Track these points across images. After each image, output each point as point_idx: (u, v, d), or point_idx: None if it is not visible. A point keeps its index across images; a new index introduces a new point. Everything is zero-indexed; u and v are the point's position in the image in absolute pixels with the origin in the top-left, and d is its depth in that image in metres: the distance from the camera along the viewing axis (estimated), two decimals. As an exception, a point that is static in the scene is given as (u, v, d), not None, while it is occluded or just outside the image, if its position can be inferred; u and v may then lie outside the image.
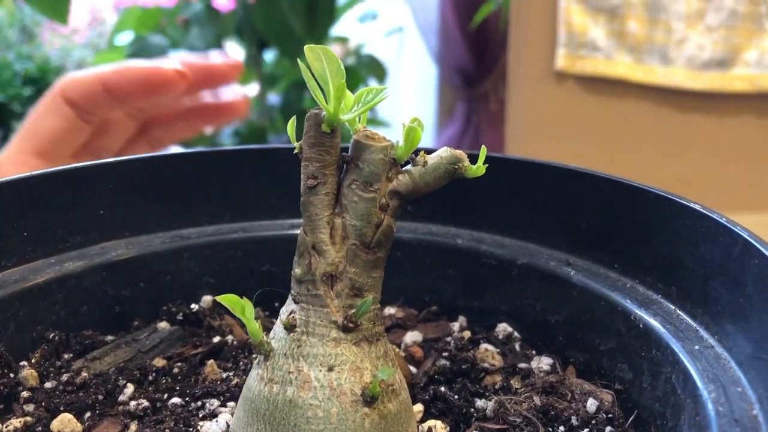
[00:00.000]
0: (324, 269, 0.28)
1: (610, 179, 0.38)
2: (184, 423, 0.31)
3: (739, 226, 0.31)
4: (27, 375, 0.33)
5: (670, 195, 0.35)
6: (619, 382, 0.34)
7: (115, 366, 0.35)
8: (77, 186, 0.39)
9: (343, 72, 0.26)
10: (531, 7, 1.27)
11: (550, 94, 1.30)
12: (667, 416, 0.30)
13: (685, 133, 1.32)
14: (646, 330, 0.32)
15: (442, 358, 0.37)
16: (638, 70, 1.29)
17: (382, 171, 0.27)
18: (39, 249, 0.38)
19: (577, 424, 0.31)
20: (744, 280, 0.29)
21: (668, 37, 1.28)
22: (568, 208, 0.39)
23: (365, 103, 0.27)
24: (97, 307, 0.39)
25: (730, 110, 1.33)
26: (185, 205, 0.42)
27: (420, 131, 0.27)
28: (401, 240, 0.41)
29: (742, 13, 1.27)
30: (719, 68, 1.30)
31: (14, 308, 0.35)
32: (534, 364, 0.37)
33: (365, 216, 0.27)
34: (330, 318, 0.27)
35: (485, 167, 0.28)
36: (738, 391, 0.26)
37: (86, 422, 0.32)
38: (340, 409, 0.26)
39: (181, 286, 0.41)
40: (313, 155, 0.27)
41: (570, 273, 0.37)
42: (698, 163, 1.32)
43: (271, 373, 0.28)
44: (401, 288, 0.42)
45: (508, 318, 0.40)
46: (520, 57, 1.30)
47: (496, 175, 0.31)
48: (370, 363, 0.28)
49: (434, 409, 0.33)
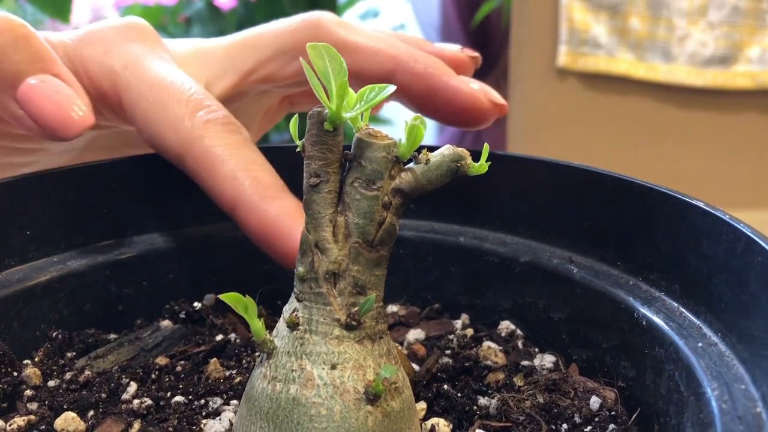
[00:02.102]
0: (327, 267, 0.28)
1: (613, 176, 0.38)
2: (188, 421, 0.32)
3: (742, 224, 0.31)
4: (30, 373, 0.34)
5: (673, 192, 0.35)
6: (622, 379, 0.34)
7: (118, 364, 0.35)
8: (80, 184, 0.40)
9: (346, 70, 0.26)
10: (533, 4, 1.27)
11: (552, 92, 1.30)
12: (671, 414, 0.30)
13: (687, 130, 1.32)
14: (649, 327, 0.32)
15: (444, 355, 0.37)
16: (640, 67, 1.29)
17: (384, 169, 0.27)
18: (42, 248, 0.38)
19: (580, 422, 0.31)
20: (747, 277, 0.29)
21: (670, 34, 1.28)
22: (570, 205, 0.39)
23: (367, 101, 0.27)
24: (100, 306, 0.39)
25: (732, 107, 1.32)
26: (188, 203, 0.42)
27: (422, 129, 0.27)
28: (404, 238, 0.41)
29: (744, 10, 1.27)
30: (721, 65, 1.29)
31: (17, 307, 0.35)
32: (537, 362, 0.37)
33: (368, 214, 0.27)
34: (333, 316, 0.27)
35: (488, 165, 0.28)
36: (741, 389, 0.26)
37: (89, 420, 0.32)
38: (343, 407, 0.26)
39: (184, 285, 0.41)
40: (315, 153, 0.27)
41: (573, 270, 0.37)
42: (701, 160, 1.32)
43: (274, 372, 0.28)
44: (404, 286, 0.42)
45: (510, 316, 0.40)
46: (521, 54, 1.30)
47: (498, 173, 0.31)
48: (373, 361, 0.28)
49: (437, 407, 0.33)
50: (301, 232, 0.31)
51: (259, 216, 0.35)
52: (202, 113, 0.38)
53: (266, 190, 0.36)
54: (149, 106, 0.39)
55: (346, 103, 0.26)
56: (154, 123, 0.38)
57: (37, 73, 0.37)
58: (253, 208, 0.35)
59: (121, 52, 0.40)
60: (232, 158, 0.36)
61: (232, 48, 0.45)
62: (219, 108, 0.38)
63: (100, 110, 0.41)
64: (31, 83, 0.37)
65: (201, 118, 0.38)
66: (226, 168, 0.36)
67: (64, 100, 0.37)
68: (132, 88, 0.39)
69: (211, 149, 0.37)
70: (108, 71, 0.40)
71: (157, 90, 0.39)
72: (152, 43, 0.42)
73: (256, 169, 0.36)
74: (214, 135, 0.37)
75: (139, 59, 0.40)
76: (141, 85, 0.39)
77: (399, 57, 0.42)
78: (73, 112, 0.37)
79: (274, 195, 0.36)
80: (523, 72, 1.29)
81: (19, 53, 0.37)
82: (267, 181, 0.36)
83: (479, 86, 0.42)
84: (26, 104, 0.37)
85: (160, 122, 0.38)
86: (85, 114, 0.37)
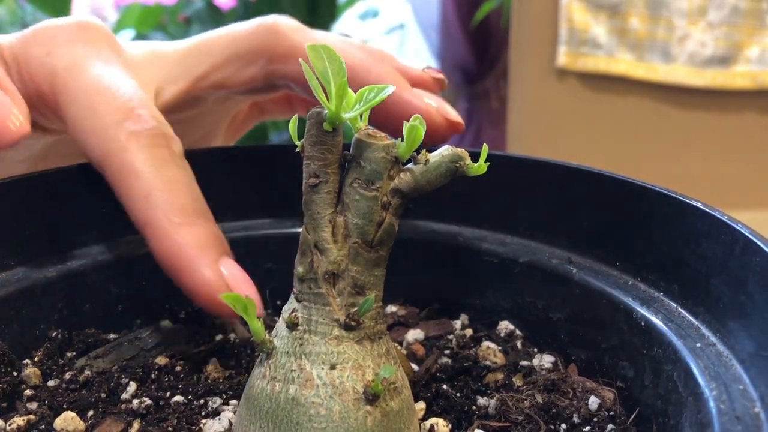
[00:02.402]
0: (326, 267, 0.28)
1: (612, 177, 0.38)
2: (187, 421, 0.32)
3: (740, 224, 0.31)
4: (30, 373, 0.34)
5: (672, 192, 0.35)
6: (620, 379, 0.34)
7: (117, 364, 0.35)
8: (80, 184, 0.40)
9: (345, 70, 0.26)
10: (532, 4, 1.27)
11: (552, 92, 1.30)
12: (669, 414, 0.30)
13: (686, 130, 1.32)
14: (647, 328, 0.32)
15: (444, 355, 0.37)
16: (640, 68, 1.29)
17: (383, 169, 0.27)
18: (42, 247, 0.38)
19: (579, 422, 0.31)
20: (745, 277, 0.29)
21: (670, 34, 1.28)
22: (569, 205, 0.39)
23: (367, 102, 0.27)
24: (100, 306, 0.39)
25: (731, 107, 1.33)
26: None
27: (422, 129, 0.27)
28: (403, 238, 0.41)
29: (743, 10, 1.27)
30: (721, 65, 1.29)
31: (17, 307, 0.35)
32: (536, 362, 0.37)
33: (367, 214, 0.27)
34: (332, 316, 0.28)
35: (487, 165, 0.28)
36: (740, 389, 0.26)
37: (89, 420, 0.32)
38: (343, 407, 0.26)
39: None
40: (314, 154, 0.27)
41: (572, 271, 0.37)
42: (699, 160, 1.32)
43: (274, 372, 0.28)
44: (403, 286, 0.42)
45: (509, 316, 0.40)
46: (521, 54, 1.30)
47: (497, 173, 0.31)
48: (372, 361, 0.28)
49: (436, 407, 0.34)
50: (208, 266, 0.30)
51: (165, 242, 0.33)
52: (129, 123, 0.36)
53: (179, 214, 0.34)
54: (79, 111, 0.37)
55: (345, 103, 0.27)
56: (80, 129, 0.36)
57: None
58: (161, 232, 0.33)
59: (64, 53, 0.38)
60: (149, 175, 0.34)
61: (186, 52, 0.44)
62: (150, 118, 0.36)
63: (44, 113, 0.39)
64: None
65: (126, 128, 0.35)
66: (141, 185, 0.34)
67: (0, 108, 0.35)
68: (68, 92, 0.37)
69: (130, 163, 0.34)
70: (49, 72, 0.38)
71: (90, 94, 0.37)
72: (100, 45, 0.40)
73: (173, 189, 0.34)
74: (136, 148, 0.35)
75: (80, 61, 0.38)
76: (77, 90, 0.37)
77: (353, 66, 0.40)
78: (10, 122, 0.35)
79: (186, 221, 0.34)
80: (523, 72, 1.30)
81: None
82: (182, 205, 0.34)
83: (435, 102, 0.40)
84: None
85: (86, 129, 0.36)
86: (22, 124, 0.35)
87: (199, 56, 0.43)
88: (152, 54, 0.43)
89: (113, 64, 0.39)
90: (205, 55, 0.43)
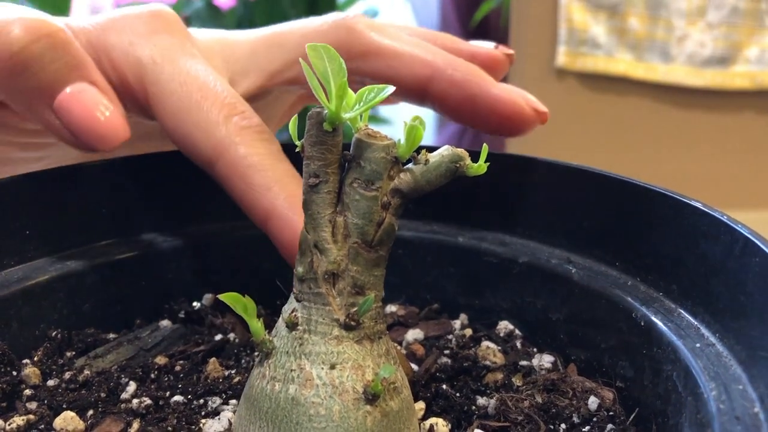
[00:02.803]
0: (326, 267, 0.28)
1: (611, 177, 0.38)
2: (187, 421, 0.32)
3: (739, 224, 0.31)
4: (30, 373, 0.34)
5: (671, 193, 0.35)
6: (620, 379, 0.34)
7: (117, 364, 0.35)
8: (79, 184, 0.40)
9: (345, 70, 0.26)
10: (532, 4, 1.27)
11: (551, 92, 1.30)
12: (668, 414, 0.30)
13: (685, 131, 1.32)
14: (647, 328, 0.32)
15: (443, 355, 0.37)
16: (639, 68, 1.29)
17: (383, 169, 0.27)
18: (41, 247, 0.38)
19: (579, 422, 0.31)
20: (745, 278, 0.29)
21: (669, 34, 1.28)
22: (568, 206, 0.39)
23: (367, 102, 0.27)
24: (100, 306, 0.39)
25: (730, 107, 1.33)
26: (187, 202, 0.42)
27: (422, 129, 0.27)
28: (403, 238, 0.41)
29: (743, 10, 1.27)
30: (720, 65, 1.30)
31: (17, 306, 0.35)
32: (535, 362, 0.37)
33: (367, 214, 0.27)
34: (332, 316, 0.28)
35: (486, 165, 0.28)
36: (739, 389, 0.26)
37: (89, 420, 0.32)
38: (342, 407, 0.26)
39: (183, 284, 0.41)
40: (314, 154, 0.27)
41: (571, 271, 0.37)
42: (699, 160, 1.32)
43: (273, 371, 0.28)
44: (403, 286, 0.42)
45: (509, 316, 0.40)
46: (520, 54, 1.30)
47: (497, 173, 0.31)
48: (372, 361, 0.28)
49: (436, 407, 0.34)
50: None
51: (292, 230, 0.34)
52: (237, 119, 0.36)
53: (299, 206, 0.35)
54: (180, 105, 0.37)
55: (345, 103, 0.27)
56: (185, 124, 0.37)
57: (75, 81, 0.36)
58: (286, 223, 0.34)
59: (149, 44, 0.39)
60: (268, 169, 0.35)
61: (257, 45, 0.44)
62: (253, 114, 0.37)
63: (122, 102, 0.39)
64: (69, 93, 0.36)
65: (237, 124, 0.36)
66: (261, 178, 0.35)
67: (102, 112, 0.36)
68: (161, 84, 0.38)
69: (247, 158, 0.35)
70: (134, 63, 0.38)
71: (189, 89, 0.37)
72: (179, 35, 0.40)
73: (290, 181, 0.35)
74: (250, 143, 0.36)
75: (168, 53, 0.38)
76: (171, 83, 0.37)
77: (436, 64, 0.40)
78: (112, 125, 0.36)
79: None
80: (522, 72, 1.30)
81: (57, 61, 0.36)
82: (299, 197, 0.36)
83: (520, 94, 0.41)
84: (63, 115, 0.36)
85: (191, 124, 0.37)
86: (123, 127, 0.37)
87: (271, 50, 0.43)
88: (220, 43, 0.44)
89: (198, 56, 0.40)
90: (276, 49, 0.43)
